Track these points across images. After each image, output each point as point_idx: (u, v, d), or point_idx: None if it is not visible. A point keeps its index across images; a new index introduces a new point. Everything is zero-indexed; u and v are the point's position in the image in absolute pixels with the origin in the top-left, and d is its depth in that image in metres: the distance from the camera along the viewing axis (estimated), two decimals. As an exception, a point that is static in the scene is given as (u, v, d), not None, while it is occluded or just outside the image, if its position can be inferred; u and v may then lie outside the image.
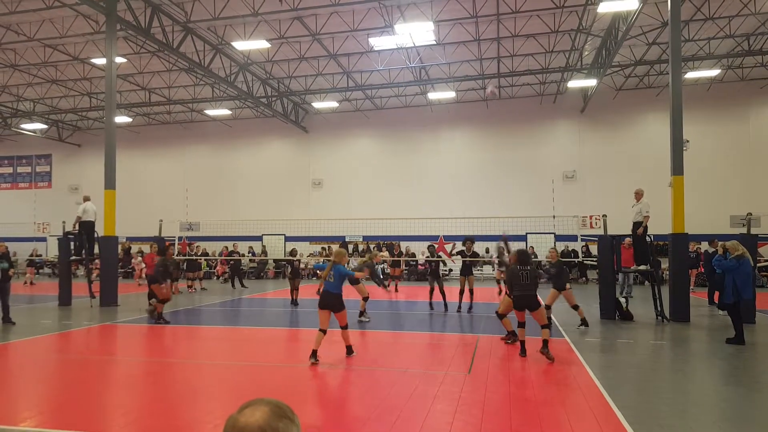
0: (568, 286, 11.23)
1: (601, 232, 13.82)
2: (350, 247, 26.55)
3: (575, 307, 11.23)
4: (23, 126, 28.88)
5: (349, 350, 8.30)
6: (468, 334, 10.46)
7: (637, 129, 24.90)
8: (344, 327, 8.21)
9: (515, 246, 11.31)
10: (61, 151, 32.11)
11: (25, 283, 22.76)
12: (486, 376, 7.11)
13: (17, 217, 30.49)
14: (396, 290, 19.19)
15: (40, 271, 28.78)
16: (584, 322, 11.11)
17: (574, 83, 22.31)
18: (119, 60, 20.52)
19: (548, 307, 11.49)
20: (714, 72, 21.77)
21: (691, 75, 21.87)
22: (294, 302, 15.21)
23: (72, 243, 15.97)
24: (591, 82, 21.58)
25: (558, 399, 6.10)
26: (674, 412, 5.71)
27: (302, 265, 21.66)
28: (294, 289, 15.39)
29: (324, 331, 8.03)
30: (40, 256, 29.16)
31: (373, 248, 25.28)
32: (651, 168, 22.25)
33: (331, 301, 8.04)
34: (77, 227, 15.60)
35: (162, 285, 12.18)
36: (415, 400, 6.05)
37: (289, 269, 16.02)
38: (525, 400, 6.07)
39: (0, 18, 17.84)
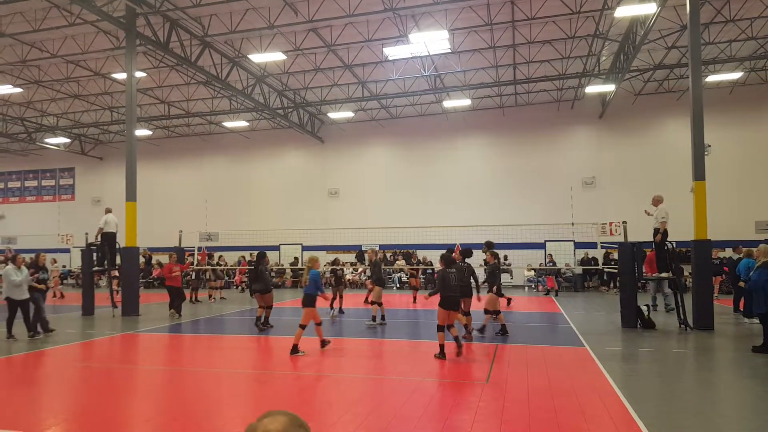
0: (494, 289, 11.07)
1: (621, 239, 13.63)
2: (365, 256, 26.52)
3: (466, 314, 10.70)
4: (47, 140, 29.48)
5: (294, 349, 9.00)
6: (486, 343, 10.31)
7: (657, 134, 24.56)
8: (301, 326, 9.13)
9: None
10: (83, 164, 32.72)
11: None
12: (505, 385, 7.01)
13: (42, 228, 31.10)
14: (414, 301, 19.13)
15: (66, 280, 29.22)
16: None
17: (592, 89, 22.11)
18: (139, 74, 20.89)
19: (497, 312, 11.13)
20: (736, 75, 21.42)
21: (712, 78, 21.56)
22: (340, 311, 15.38)
23: (95, 254, 16.23)
24: (609, 88, 21.37)
25: (578, 408, 5.99)
26: (699, 422, 5.57)
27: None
28: (338, 296, 15.57)
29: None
30: (65, 266, 29.70)
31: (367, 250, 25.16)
32: (673, 173, 21.94)
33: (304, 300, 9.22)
34: (99, 238, 15.85)
35: (269, 293, 12.57)
36: (432, 409, 5.99)
37: (333, 278, 16.51)
38: (544, 409, 5.97)
39: (25, 36, 18.29)
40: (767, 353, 8.95)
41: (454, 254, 10.69)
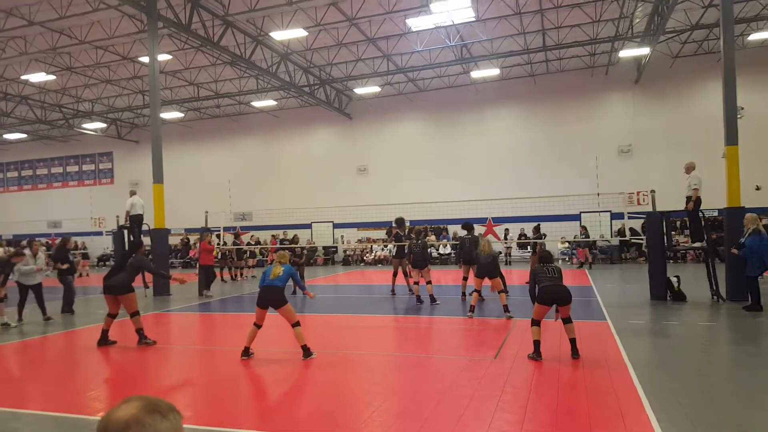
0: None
1: (649, 208, 13.10)
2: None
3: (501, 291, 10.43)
4: (84, 126, 30.27)
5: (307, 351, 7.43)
6: (503, 319, 10.03)
7: (697, 98, 23.38)
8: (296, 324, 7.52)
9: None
10: (121, 149, 33.51)
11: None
12: (511, 361, 6.85)
13: (85, 213, 32.23)
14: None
15: (106, 263, 30.25)
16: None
17: (626, 53, 21.12)
18: (165, 57, 21.12)
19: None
20: (781, 32, 20.11)
21: (755, 37, 20.30)
22: (412, 291, 13.42)
23: (128, 236, 16.63)
24: (644, 51, 20.38)
25: (581, 381, 5.81)
26: (695, 390, 5.33)
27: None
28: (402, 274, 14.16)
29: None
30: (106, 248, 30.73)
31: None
32: (713, 140, 20.78)
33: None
34: (128, 221, 16.24)
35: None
36: (440, 383, 5.92)
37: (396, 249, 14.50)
38: (546, 383, 5.82)
39: (53, 23, 18.64)
40: (756, 311, 9.82)
41: (486, 231, 10.42)
